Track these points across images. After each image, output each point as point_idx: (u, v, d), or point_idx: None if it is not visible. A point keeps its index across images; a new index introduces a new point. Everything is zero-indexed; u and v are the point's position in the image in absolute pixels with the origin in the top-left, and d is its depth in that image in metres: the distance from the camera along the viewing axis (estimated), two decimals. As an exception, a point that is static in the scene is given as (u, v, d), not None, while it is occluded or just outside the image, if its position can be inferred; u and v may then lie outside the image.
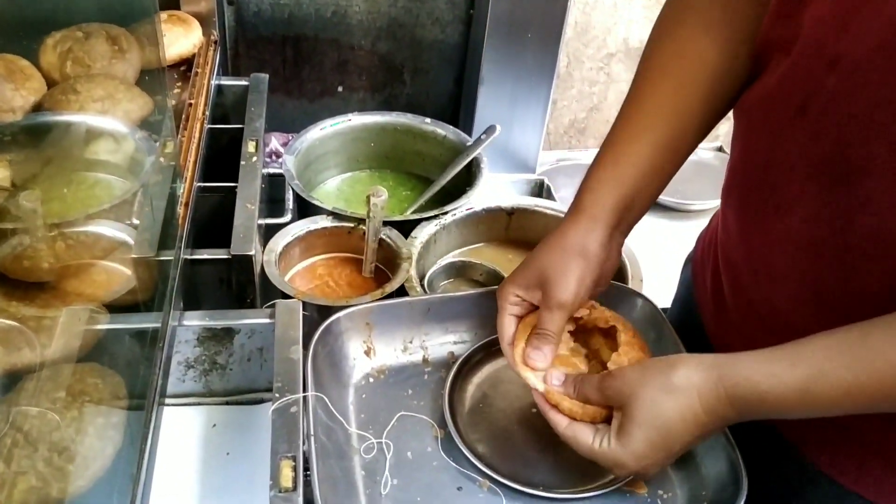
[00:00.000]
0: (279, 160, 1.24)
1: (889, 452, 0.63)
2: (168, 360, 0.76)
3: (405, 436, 0.72)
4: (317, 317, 0.84)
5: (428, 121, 1.29)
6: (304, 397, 0.67)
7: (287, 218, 1.06)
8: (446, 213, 1.10)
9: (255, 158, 1.03)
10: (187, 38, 1.14)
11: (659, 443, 0.59)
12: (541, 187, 1.43)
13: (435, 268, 1.08)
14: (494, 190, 1.36)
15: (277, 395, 0.67)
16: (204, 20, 1.21)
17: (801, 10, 0.58)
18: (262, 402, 0.83)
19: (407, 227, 1.06)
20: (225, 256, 0.87)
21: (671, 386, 0.58)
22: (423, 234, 1.06)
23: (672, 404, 0.58)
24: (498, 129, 1.20)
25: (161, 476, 0.71)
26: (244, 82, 1.23)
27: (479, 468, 0.68)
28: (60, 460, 0.57)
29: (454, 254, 1.15)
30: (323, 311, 0.86)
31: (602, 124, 1.85)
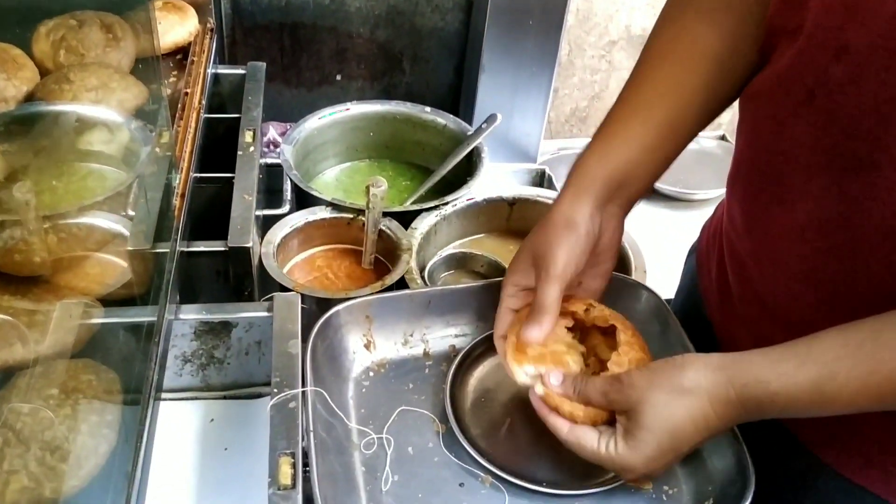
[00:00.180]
0: (277, 150, 1.24)
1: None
2: (164, 354, 0.75)
3: (406, 431, 0.71)
4: (315, 309, 0.83)
5: (428, 110, 1.28)
6: (303, 392, 0.66)
7: (285, 209, 1.05)
8: (447, 203, 1.09)
9: (252, 148, 1.02)
10: (183, 25, 1.13)
11: (668, 446, 0.58)
12: (542, 177, 1.42)
13: (435, 259, 1.07)
14: (495, 180, 1.36)
15: (276, 389, 0.66)
16: (200, 7, 1.20)
17: None
18: (260, 396, 0.82)
19: (407, 218, 1.05)
20: (222, 248, 0.87)
21: (681, 389, 0.57)
22: (424, 224, 1.06)
23: (682, 407, 0.57)
24: (499, 118, 1.19)
25: (158, 471, 0.70)
26: (241, 71, 1.22)
27: (482, 464, 0.67)
28: (53, 459, 0.56)
29: (455, 245, 1.14)
30: (322, 304, 0.85)
31: (604, 113, 1.81)
